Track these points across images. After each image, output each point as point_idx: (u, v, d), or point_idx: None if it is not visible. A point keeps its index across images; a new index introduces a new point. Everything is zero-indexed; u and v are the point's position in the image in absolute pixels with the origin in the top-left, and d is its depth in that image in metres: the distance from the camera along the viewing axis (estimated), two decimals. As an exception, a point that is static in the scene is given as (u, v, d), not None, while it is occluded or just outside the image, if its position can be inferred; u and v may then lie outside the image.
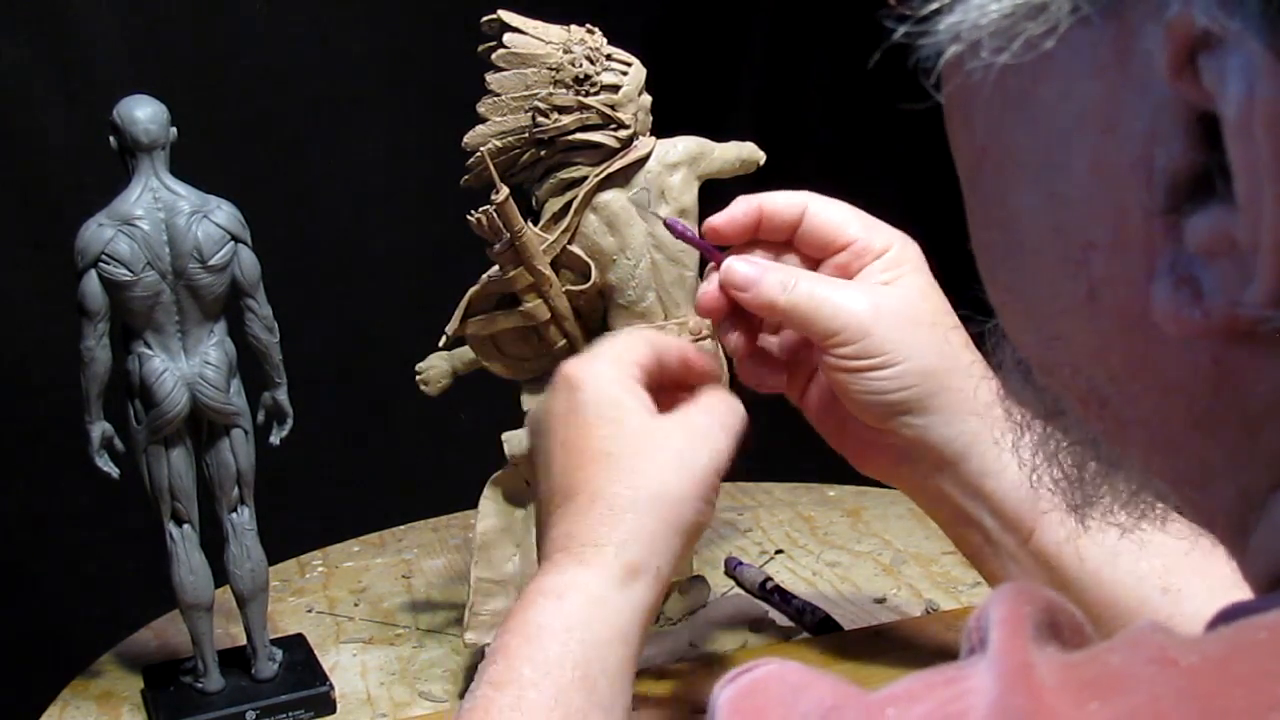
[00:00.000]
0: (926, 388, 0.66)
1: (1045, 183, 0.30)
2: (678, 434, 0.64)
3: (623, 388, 0.65)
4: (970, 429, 0.66)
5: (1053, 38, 0.28)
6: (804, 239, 0.70)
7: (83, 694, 0.88)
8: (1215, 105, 0.26)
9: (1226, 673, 0.25)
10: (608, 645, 0.60)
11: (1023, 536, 0.66)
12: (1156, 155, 0.27)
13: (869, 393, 0.67)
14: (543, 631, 0.59)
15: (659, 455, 0.63)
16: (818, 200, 0.70)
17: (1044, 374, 0.35)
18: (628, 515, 0.62)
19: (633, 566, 0.61)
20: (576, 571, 0.61)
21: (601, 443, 0.63)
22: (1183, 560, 0.63)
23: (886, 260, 0.68)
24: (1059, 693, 0.25)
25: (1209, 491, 0.32)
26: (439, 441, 1.57)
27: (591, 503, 0.62)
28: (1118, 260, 0.29)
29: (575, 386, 0.65)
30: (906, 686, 0.27)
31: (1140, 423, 0.32)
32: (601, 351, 0.67)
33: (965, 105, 0.32)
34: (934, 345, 0.66)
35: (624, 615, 0.61)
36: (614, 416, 0.64)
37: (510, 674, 0.58)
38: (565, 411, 0.65)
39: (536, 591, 0.61)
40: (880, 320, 0.66)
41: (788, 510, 1.11)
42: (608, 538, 0.61)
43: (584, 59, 0.77)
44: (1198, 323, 0.28)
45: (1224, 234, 0.27)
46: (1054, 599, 0.30)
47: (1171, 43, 0.26)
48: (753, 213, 0.69)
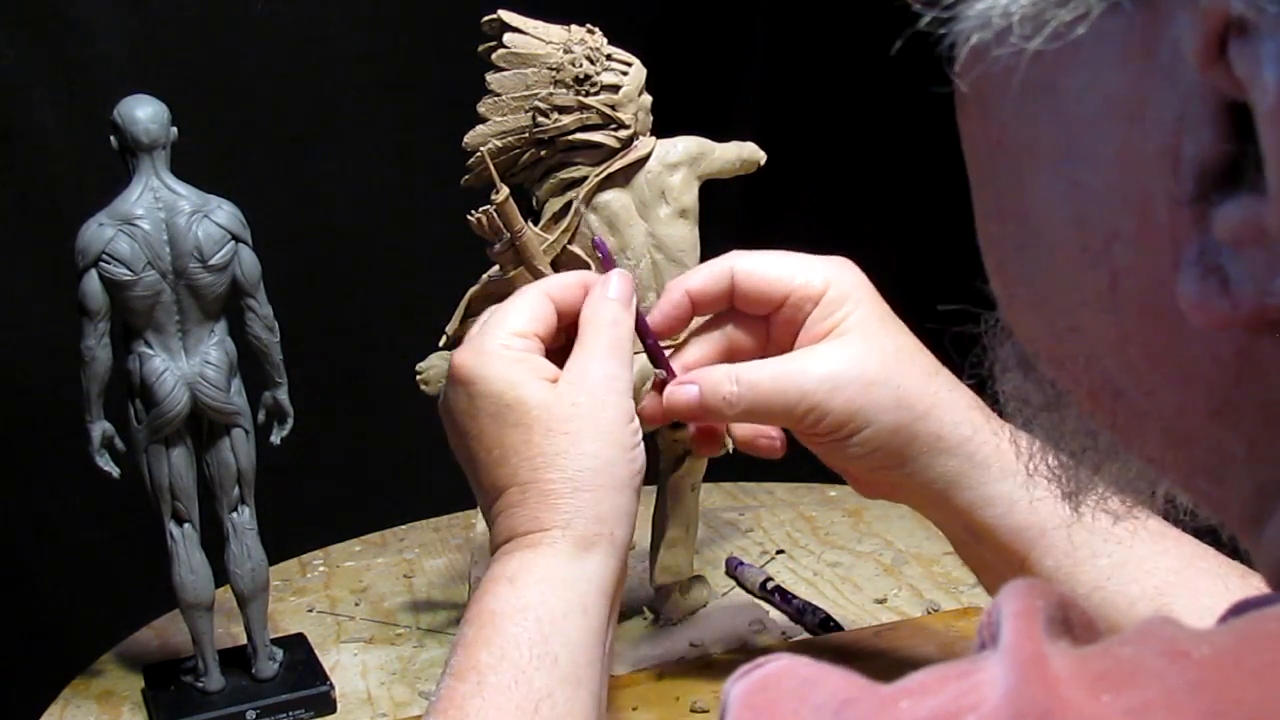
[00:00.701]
0: (897, 442, 0.66)
1: (1067, 173, 0.30)
2: (582, 398, 0.64)
3: (516, 367, 0.65)
4: (952, 468, 0.67)
5: (1084, 24, 0.28)
6: (741, 302, 0.70)
7: (83, 693, 0.88)
8: (1247, 93, 0.25)
9: (1238, 665, 0.25)
10: (564, 618, 0.60)
11: (1016, 565, 0.67)
12: (1184, 144, 0.27)
13: (844, 458, 0.67)
14: (497, 616, 0.60)
15: (572, 426, 0.63)
16: (742, 260, 0.70)
17: (1053, 367, 0.35)
18: (564, 496, 0.62)
19: (582, 540, 0.62)
20: (525, 555, 0.62)
21: (513, 432, 0.64)
22: (1175, 579, 0.63)
23: (828, 302, 0.68)
24: (1072, 684, 0.25)
25: (1225, 483, 0.32)
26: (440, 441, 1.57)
27: (524, 494, 0.63)
28: (1142, 250, 0.29)
29: (470, 380, 0.65)
30: (920, 679, 0.27)
31: (1156, 414, 0.32)
32: (487, 332, 0.67)
33: (984, 95, 0.32)
34: (893, 400, 0.66)
35: (580, 586, 0.61)
36: (516, 401, 0.64)
37: (469, 661, 0.58)
38: (467, 408, 0.65)
39: (488, 580, 0.62)
40: (835, 392, 0.65)
41: (789, 510, 1.11)
42: (550, 521, 0.62)
43: (584, 59, 0.77)
44: (1225, 313, 0.27)
45: (1254, 223, 0.26)
46: (1065, 595, 0.30)
47: (1203, 29, 0.26)
48: (681, 302, 0.70)
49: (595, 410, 0.64)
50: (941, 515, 0.69)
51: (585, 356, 0.66)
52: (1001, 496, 0.66)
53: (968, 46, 0.30)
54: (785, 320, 0.69)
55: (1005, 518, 0.66)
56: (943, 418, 0.66)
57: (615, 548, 0.63)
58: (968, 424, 0.67)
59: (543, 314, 0.67)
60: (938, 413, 0.66)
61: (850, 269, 0.69)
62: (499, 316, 0.67)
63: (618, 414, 0.64)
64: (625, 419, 0.64)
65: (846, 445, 0.66)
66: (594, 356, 0.66)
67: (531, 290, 0.69)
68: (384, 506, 1.19)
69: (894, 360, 0.66)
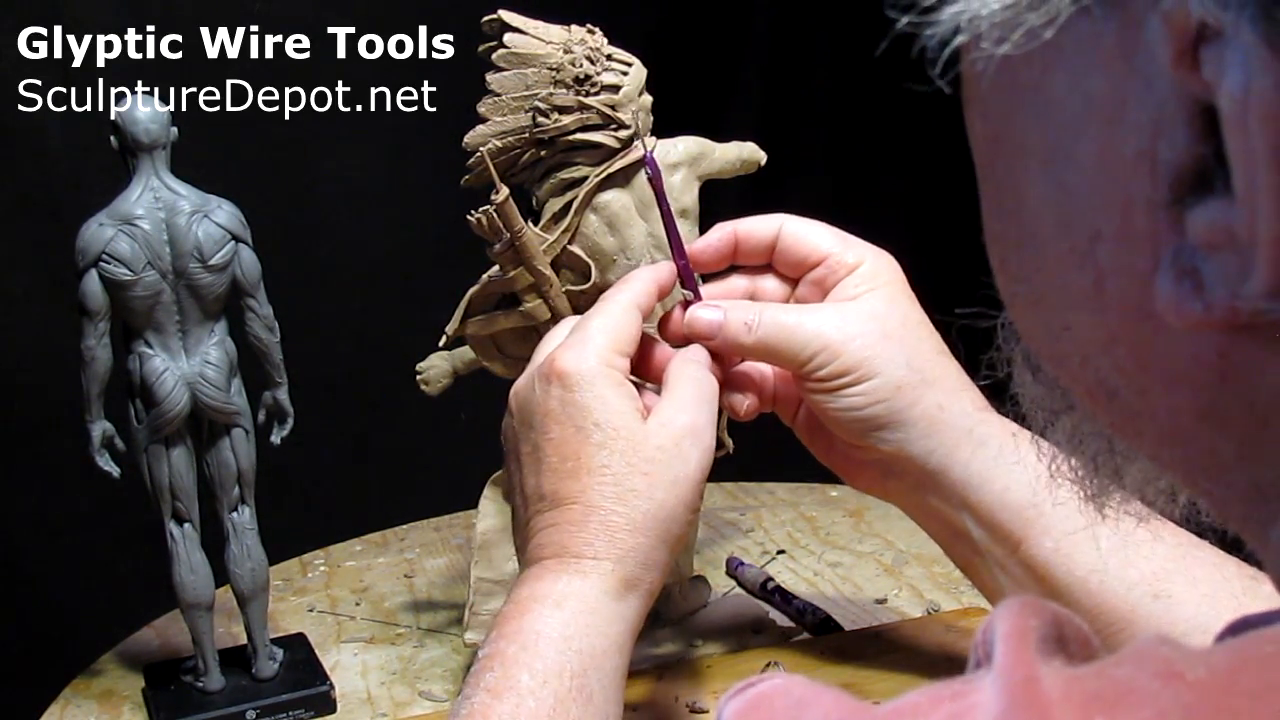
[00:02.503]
0: (900, 402, 0.67)
1: (1054, 173, 0.30)
2: (667, 443, 0.64)
3: (615, 389, 0.65)
4: (949, 440, 0.67)
5: (1052, 28, 0.28)
6: (780, 259, 0.72)
7: (84, 693, 0.88)
8: (1215, 97, 0.26)
9: (1234, 687, 0.25)
10: (604, 655, 0.60)
11: (1011, 547, 0.66)
12: (1160, 147, 0.27)
13: (844, 410, 0.68)
14: (540, 639, 0.59)
15: (651, 471, 0.63)
16: (792, 221, 0.72)
17: (1053, 366, 0.35)
18: (623, 533, 0.62)
19: (629, 581, 0.62)
20: (572, 580, 0.62)
21: (595, 452, 0.64)
22: (1173, 566, 0.64)
23: (859, 275, 0.69)
24: (1064, 707, 0.25)
25: (1223, 484, 0.32)
26: (439, 441, 1.57)
27: (586, 517, 0.63)
28: (1123, 251, 0.29)
29: (569, 385, 0.65)
30: (912, 701, 0.27)
31: (1149, 415, 0.32)
32: (592, 339, 0.66)
33: (983, 95, 0.32)
34: (904, 358, 0.67)
35: (618, 627, 0.62)
36: (607, 423, 0.64)
37: (508, 681, 0.58)
38: (558, 410, 0.65)
39: (531, 598, 0.61)
40: (849, 339, 0.67)
41: (790, 510, 1.11)
42: (606, 553, 0.62)
43: (584, 59, 0.77)
44: (1199, 315, 0.27)
45: (1223, 226, 0.26)
46: (1060, 612, 0.29)
47: (1172, 34, 0.26)
48: (728, 238, 0.72)
49: (675, 462, 0.64)
50: (932, 498, 0.69)
51: (678, 402, 0.66)
52: (999, 473, 0.66)
53: (948, 49, 0.30)
54: (814, 282, 0.71)
55: (1002, 495, 0.66)
56: (947, 388, 0.67)
57: (649, 597, 0.64)
58: (969, 402, 0.68)
59: (636, 335, 0.68)
60: (942, 384, 0.67)
61: (888, 259, 0.71)
62: (602, 326, 0.67)
63: (695, 472, 0.64)
64: (700, 477, 0.65)
65: (848, 394, 0.67)
66: (686, 404, 0.66)
67: (626, 302, 0.68)
68: (384, 506, 1.19)
69: (911, 329, 0.68)
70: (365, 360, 1.63)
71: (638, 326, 0.68)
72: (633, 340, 0.67)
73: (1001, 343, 0.38)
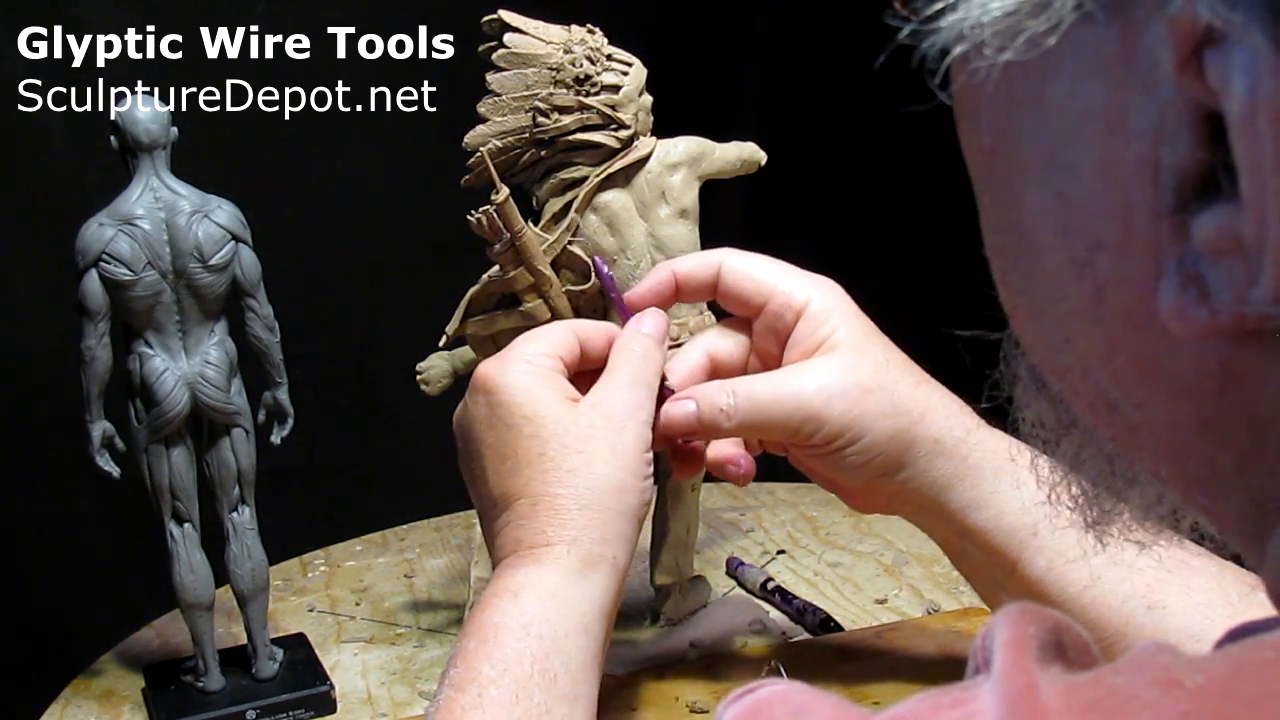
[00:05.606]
0: (895, 448, 0.67)
1: (1053, 182, 0.30)
2: (599, 420, 0.64)
3: (539, 382, 0.65)
4: (949, 471, 0.67)
5: (1055, 35, 0.28)
6: (724, 297, 0.71)
7: (84, 693, 0.88)
8: (1220, 102, 0.25)
9: (1232, 694, 0.24)
10: (567, 638, 0.61)
11: (1007, 569, 0.67)
12: (1163, 154, 0.27)
13: (842, 469, 0.68)
14: (499, 630, 0.60)
15: (588, 446, 0.63)
16: (731, 256, 0.70)
17: (1056, 379, 0.35)
18: (572, 513, 0.63)
19: (587, 559, 0.62)
20: (531, 571, 0.62)
21: (529, 444, 0.64)
22: (1167, 576, 0.64)
23: (812, 316, 0.68)
24: (1063, 714, 0.25)
25: (1221, 498, 0.31)
26: (440, 441, 1.57)
27: (533, 507, 0.63)
28: (1124, 260, 0.29)
29: (492, 390, 0.66)
30: (911, 708, 0.27)
31: (1149, 428, 0.31)
32: (515, 348, 0.68)
33: (974, 105, 0.32)
34: (889, 406, 0.66)
35: (582, 607, 0.62)
36: (535, 414, 0.64)
37: (469, 674, 0.58)
38: (486, 417, 0.66)
39: (491, 594, 0.62)
40: (830, 402, 0.66)
41: (790, 510, 1.11)
42: (557, 536, 0.62)
43: (584, 59, 0.77)
44: (1204, 322, 0.27)
45: (1230, 232, 0.26)
46: (1060, 619, 0.29)
47: (1176, 39, 0.26)
48: (667, 281, 0.70)
49: (613, 434, 0.64)
50: (935, 520, 0.70)
51: (611, 382, 0.66)
52: (994, 498, 0.67)
53: (948, 58, 0.30)
54: (766, 329, 0.70)
55: (998, 519, 0.67)
56: (937, 421, 0.67)
57: (616, 571, 0.64)
58: (960, 426, 0.67)
59: (568, 343, 0.68)
60: (932, 416, 0.67)
61: (833, 288, 0.70)
62: (525, 337, 0.69)
63: (635, 441, 0.64)
64: (641, 447, 0.65)
65: (844, 456, 0.66)
66: (619, 384, 0.66)
67: (560, 324, 0.71)
68: (384, 506, 1.19)
69: (885, 369, 0.67)
70: (366, 360, 1.63)
71: (572, 337, 0.68)
72: (565, 344, 0.68)
73: (1005, 356, 0.38)
